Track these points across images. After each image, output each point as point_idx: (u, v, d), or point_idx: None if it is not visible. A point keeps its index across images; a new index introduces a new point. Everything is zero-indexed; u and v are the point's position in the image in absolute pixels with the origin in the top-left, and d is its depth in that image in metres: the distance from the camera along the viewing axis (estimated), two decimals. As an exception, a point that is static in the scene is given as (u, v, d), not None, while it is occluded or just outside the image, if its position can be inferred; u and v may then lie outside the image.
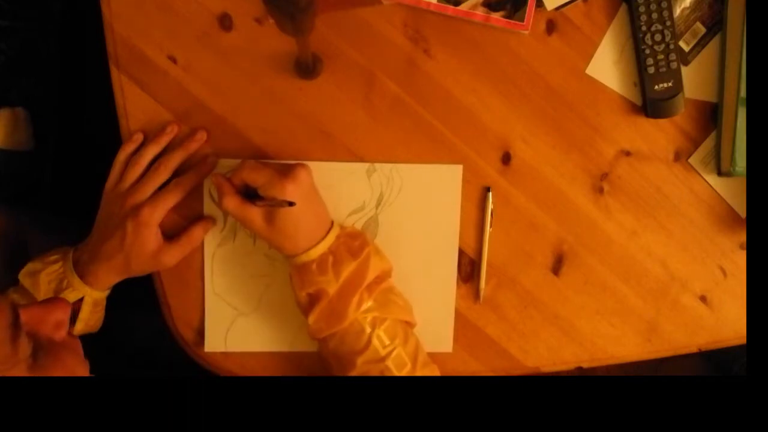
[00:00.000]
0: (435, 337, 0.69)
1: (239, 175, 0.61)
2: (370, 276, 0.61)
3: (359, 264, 0.61)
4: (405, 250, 0.68)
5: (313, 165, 0.66)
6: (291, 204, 0.57)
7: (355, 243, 0.63)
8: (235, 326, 0.68)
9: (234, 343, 0.69)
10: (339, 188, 0.68)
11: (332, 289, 0.60)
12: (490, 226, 0.69)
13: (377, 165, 0.68)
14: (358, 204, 0.68)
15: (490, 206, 0.69)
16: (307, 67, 0.65)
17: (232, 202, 0.61)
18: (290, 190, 0.58)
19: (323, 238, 0.61)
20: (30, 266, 0.64)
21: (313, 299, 0.61)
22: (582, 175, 0.70)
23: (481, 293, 0.69)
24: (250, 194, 0.61)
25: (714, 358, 1.19)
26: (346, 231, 0.64)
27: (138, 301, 0.72)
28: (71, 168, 0.92)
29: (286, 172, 0.59)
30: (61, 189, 0.90)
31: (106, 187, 0.66)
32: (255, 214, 0.60)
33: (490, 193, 0.68)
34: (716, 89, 0.68)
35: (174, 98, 0.66)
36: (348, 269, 0.60)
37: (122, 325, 0.76)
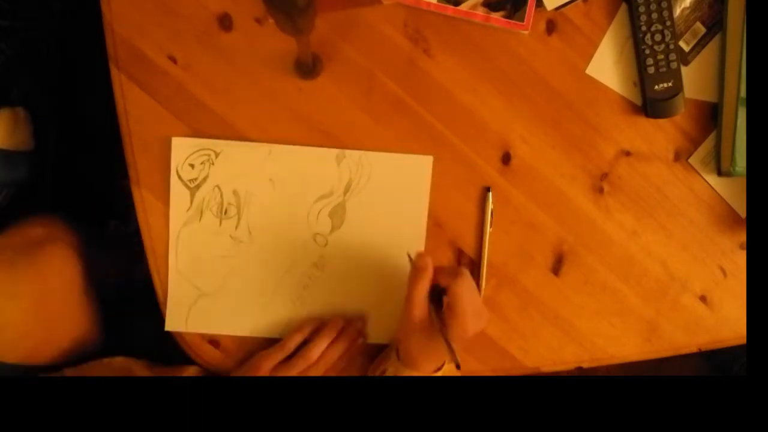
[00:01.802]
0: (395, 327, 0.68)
1: (451, 283, 0.58)
2: None
3: None
4: (371, 239, 0.68)
5: (282, 148, 0.67)
6: (457, 366, 0.55)
7: None
8: (197, 306, 0.68)
9: (195, 323, 0.68)
10: (307, 173, 0.68)
11: None
12: (490, 226, 0.69)
13: (347, 152, 0.68)
14: (326, 189, 0.68)
15: (490, 206, 0.69)
16: (307, 67, 0.65)
17: (421, 290, 0.59)
18: (468, 339, 0.58)
19: (437, 370, 0.62)
20: None
21: None
22: (582, 175, 0.70)
23: (481, 293, 0.69)
24: (436, 290, 0.60)
25: (714, 358, 1.19)
26: (448, 368, 0.64)
27: (138, 303, 0.72)
28: (71, 168, 0.92)
29: (479, 315, 0.59)
30: (61, 189, 0.90)
31: (267, 353, 0.67)
32: (424, 314, 0.59)
33: (490, 193, 0.68)
34: (716, 89, 0.68)
35: (174, 98, 0.66)
36: None
37: (122, 328, 0.76)
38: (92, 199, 0.94)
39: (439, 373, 0.62)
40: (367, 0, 0.66)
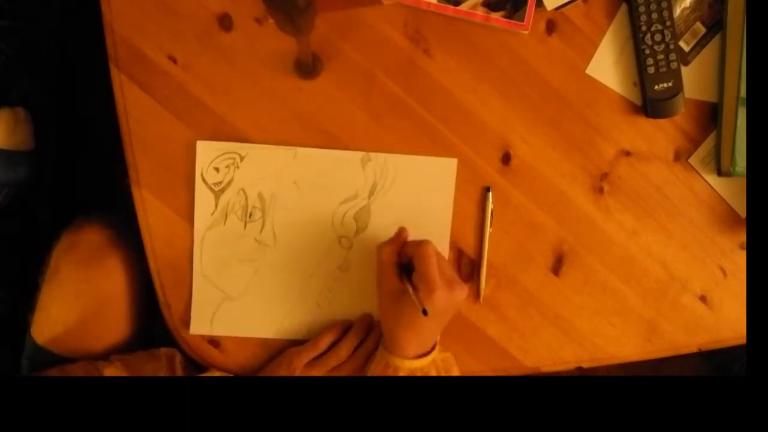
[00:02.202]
0: None
1: (415, 249, 0.60)
2: None
3: None
4: None
5: (307, 151, 0.67)
6: (424, 312, 0.57)
7: (443, 367, 0.65)
8: (221, 310, 0.68)
9: (220, 326, 0.68)
10: (332, 176, 0.68)
11: None
12: (490, 226, 0.69)
13: (372, 154, 0.68)
14: (350, 192, 0.68)
15: (490, 206, 0.69)
16: (307, 67, 0.65)
17: (387, 252, 0.62)
18: (437, 298, 0.58)
19: (425, 355, 0.62)
20: None
21: None
22: (582, 175, 0.70)
23: (481, 293, 0.69)
24: (407, 265, 0.62)
25: (714, 358, 1.19)
26: (441, 356, 0.65)
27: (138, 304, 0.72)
28: (71, 168, 0.92)
29: (450, 283, 0.59)
30: (61, 189, 0.90)
31: (297, 351, 0.67)
32: (393, 281, 0.61)
33: (490, 193, 0.68)
34: (716, 89, 0.68)
35: (174, 98, 0.66)
36: None
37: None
38: (92, 199, 0.95)
39: (428, 359, 0.62)
40: (367, 0, 0.66)
